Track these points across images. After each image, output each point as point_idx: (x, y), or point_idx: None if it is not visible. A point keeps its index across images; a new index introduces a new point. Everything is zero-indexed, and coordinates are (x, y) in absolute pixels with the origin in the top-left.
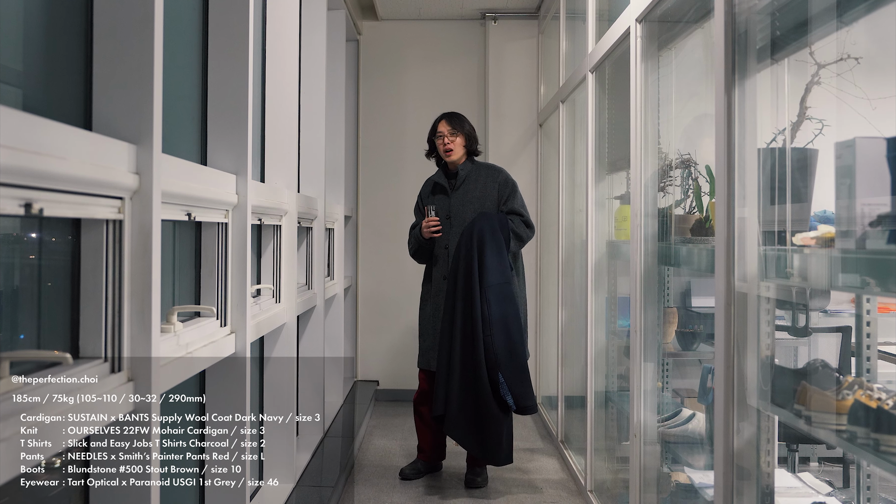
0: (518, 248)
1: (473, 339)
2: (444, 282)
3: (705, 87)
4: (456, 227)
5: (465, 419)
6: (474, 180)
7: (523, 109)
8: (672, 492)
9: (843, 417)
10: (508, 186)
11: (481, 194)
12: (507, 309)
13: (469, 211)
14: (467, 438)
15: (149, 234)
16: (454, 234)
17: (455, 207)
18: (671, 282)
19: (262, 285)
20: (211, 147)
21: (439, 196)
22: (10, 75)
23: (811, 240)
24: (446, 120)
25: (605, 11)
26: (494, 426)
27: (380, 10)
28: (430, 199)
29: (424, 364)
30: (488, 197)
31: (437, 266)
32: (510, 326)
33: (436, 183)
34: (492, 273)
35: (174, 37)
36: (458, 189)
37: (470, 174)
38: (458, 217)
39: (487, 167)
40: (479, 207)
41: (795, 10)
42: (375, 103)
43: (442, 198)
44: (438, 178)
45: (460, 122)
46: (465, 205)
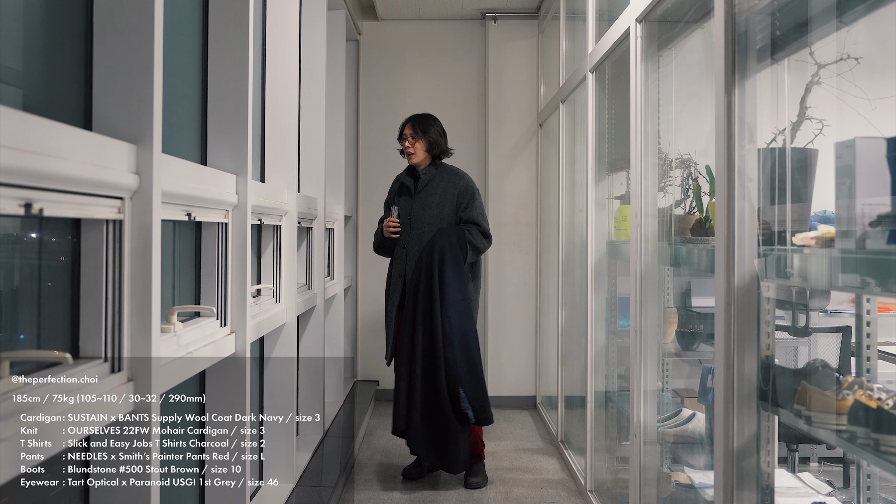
0: (475, 259)
1: (433, 356)
2: (400, 280)
3: (705, 87)
4: (416, 228)
5: (426, 434)
6: (436, 185)
7: (523, 109)
8: (672, 492)
9: (843, 417)
10: (467, 194)
11: (441, 199)
12: (465, 323)
13: (428, 215)
14: (430, 453)
15: (149, 234)
16: (413, 235)
17: (416, 210)
18: (671, 282)
19: (262, 285)
20: (211, 147)
21: (404, 196)
22: (10, 75)
23: (811, 240)
24: (410, 123)
25: (605, 11)
26: (454, 438)
27: (380, 10)
28: (396, 198)
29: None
30: (447, 203)
31: (395, 265)
32: (469, 341)
33: (401, 183)
34: (451, 291)
35: (174, 37)
36: (421, 192)
37: (433, 178)
38: (418, 219)
39: (451, 172)
40: (437, 212)
41: (795, 10)
42: (375, 103)
43: (405, 198)
44: (404, 178)
45: (424, 127)
46: (426, 209)
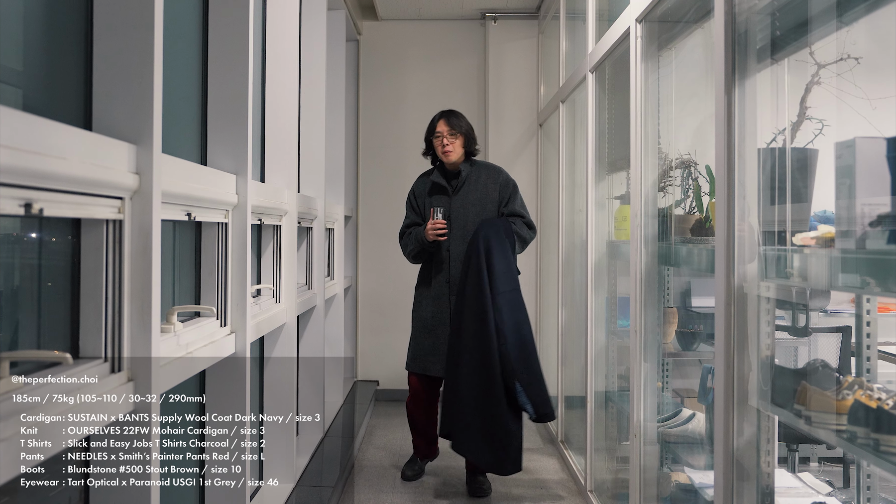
0: (521, 251)
1: (486, 350)
2: (446, 285)
3: (705, 87)
4: (456, 229)
5: (475, 434)
6: (474, 181)
7: (523, 109)
8: (672, 492)
9: (843, 417)
10: (509, 187)
11: (482, 196)
12: (519, 316)
13: (471, 213)
14: (480, 454)
15: (149, 234)
16: (456, 236)
17: (456, 209)
18: (671, 282)
19: (262, 285)
20: (211, 147)
21: (437, 196)
22: (10, 75)
23: (811, 240)
24: (445, 119)
25: (605, 11)
26: (507, 436)
27: (380, 10)
28: (429, 199)
29: (420, 368)
30: (489, 198)
31: (440, 269)
32: (524, 335)
33: (434, 183)
34: (501, 280)
35: (174, 37)
36: (459, 190)
37: (470, 175)
38: (459, 219)
39: (487, 167)
40: (480, 210)
41: (795, 10)
42: (375, 103)
43: (441, 198)
44: (437, 178)
45: (459, 122)
46: (467, 207)
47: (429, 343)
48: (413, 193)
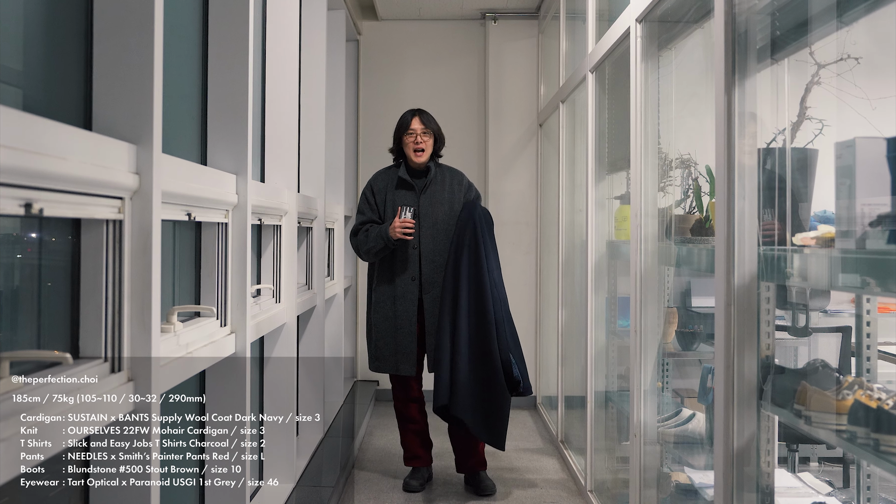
0: None
1: (484, 318)
2: (412, 283)
3: (705, 87)
4: (426, 227)
5: (473, 402)
6: (440, 182)
7: (523, 109)
8: (672, 492)
9: (843, 417)
10: (473, 191)
11: (450, 197)
12: (503, 294)
13: (440, 212)
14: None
15: (149, 234)
16: (426, 234)
17: (425, 207)
18: (671, 282)
19: (262, 285)
20: (211, 147)
21: (402, 192)
22: (10, 75)
23: (811, 240)
24: (419, 117)
25: (605, 11)
26: (501, 408)
27: (380, 10)
28: (394, 194)
29: (390, 369)
30: (456, 200)
31: (405, 268)
32: (508, 311)
33: (401, 179)
34: (492, 259)
35: (174, 37)
36: (426, 189)
37: (436, 175)
38: (429, 217)
39: (451, 170)
40: (449, 209)
41: (795, 10)
42: (375, 103)
43: (407, 195)
44: (404, 174)
45: (430, 121)
46: (436, 205)
47: (395, 342)
48: (371, 189)
